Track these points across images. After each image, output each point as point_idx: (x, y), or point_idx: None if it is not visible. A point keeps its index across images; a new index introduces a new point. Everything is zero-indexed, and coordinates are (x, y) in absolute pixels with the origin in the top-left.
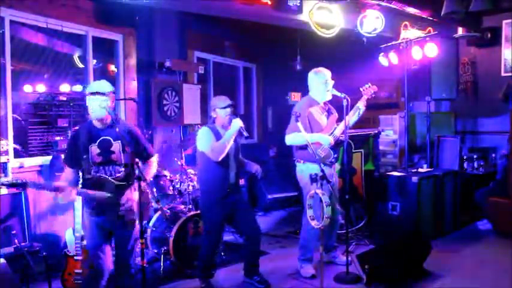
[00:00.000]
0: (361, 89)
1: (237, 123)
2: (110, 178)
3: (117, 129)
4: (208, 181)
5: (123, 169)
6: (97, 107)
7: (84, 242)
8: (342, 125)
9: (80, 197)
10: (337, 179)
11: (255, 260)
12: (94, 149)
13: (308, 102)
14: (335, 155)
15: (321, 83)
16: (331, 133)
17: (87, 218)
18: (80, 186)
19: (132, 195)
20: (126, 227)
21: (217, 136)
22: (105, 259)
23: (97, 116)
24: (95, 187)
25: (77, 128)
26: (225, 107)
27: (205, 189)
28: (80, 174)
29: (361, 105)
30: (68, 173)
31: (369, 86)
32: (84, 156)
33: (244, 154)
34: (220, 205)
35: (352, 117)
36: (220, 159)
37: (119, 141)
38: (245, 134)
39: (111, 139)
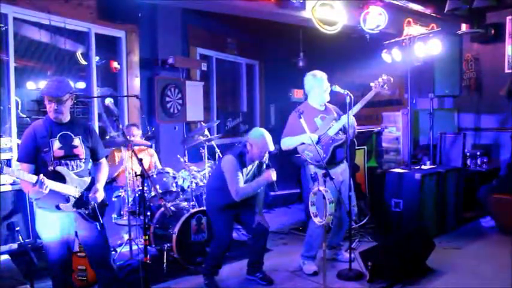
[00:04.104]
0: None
1: (272, 177)
2: (71, 172)
3: (76, 125)
4: (218, 195)
5: (83, 164)
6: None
7: None
8: (338, 124)
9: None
10: (346, 178)
11: (260, 257)
12: (55, 143)
13: (302, 108)
14: (324, 155)
15: (318, 86)
16: (324, 133)
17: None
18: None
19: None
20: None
21: (241, 168)
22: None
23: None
24: (55, 180)
25: (33, 123)
26: (269, 151)
27: (213, 197)
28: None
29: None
30: (24, 169)
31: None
32: (45, 149)
33: None
34: (227, 210)
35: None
36: (239, 200)
37: (79, 137)
38: (276, 189)
39: (71, 134)
